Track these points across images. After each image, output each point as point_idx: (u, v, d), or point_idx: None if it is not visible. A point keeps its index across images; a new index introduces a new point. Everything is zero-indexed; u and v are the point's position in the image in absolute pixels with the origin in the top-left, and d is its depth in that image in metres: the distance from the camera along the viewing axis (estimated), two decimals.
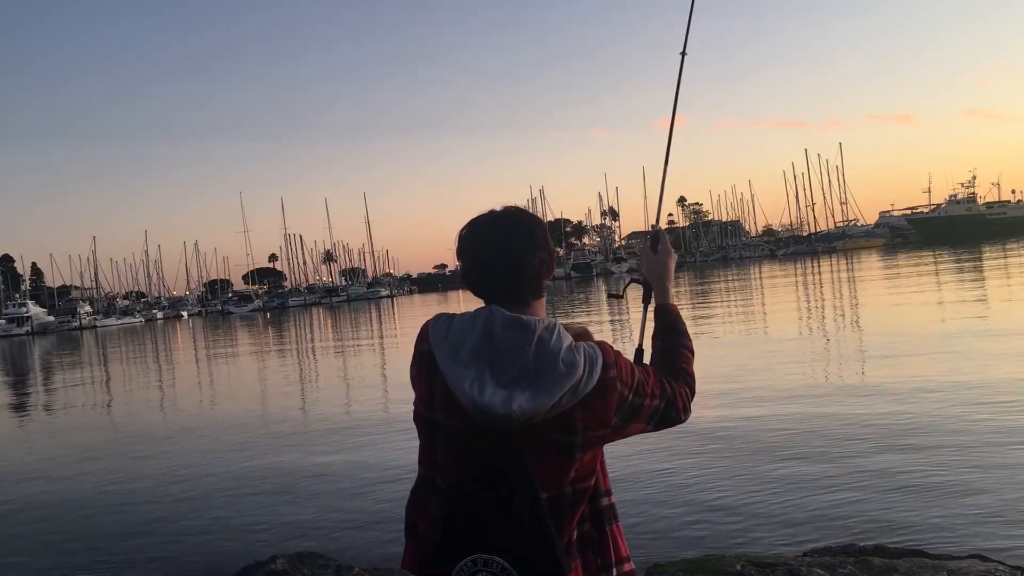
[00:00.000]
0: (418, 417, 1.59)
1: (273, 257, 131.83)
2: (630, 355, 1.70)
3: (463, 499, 1.48)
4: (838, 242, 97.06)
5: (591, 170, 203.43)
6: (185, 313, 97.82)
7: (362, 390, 13.51)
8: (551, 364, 1.43)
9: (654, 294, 1.87)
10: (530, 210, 1.68)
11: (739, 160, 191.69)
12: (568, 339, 1.49)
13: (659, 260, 1.88)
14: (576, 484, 1.49)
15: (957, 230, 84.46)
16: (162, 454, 8.81)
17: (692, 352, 1.76)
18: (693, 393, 1.69)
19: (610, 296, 2.04)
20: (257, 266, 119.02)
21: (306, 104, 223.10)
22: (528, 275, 1.55)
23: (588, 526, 1.53)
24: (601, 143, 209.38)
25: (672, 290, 1.85)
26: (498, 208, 1.61)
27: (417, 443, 1.59)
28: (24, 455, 9.92)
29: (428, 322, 1.57)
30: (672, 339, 1.77)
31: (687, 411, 1.65)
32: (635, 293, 1.96)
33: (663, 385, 1.61)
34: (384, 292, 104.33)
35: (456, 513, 1.48)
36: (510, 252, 1.54)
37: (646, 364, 1.68)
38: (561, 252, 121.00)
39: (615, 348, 1.54)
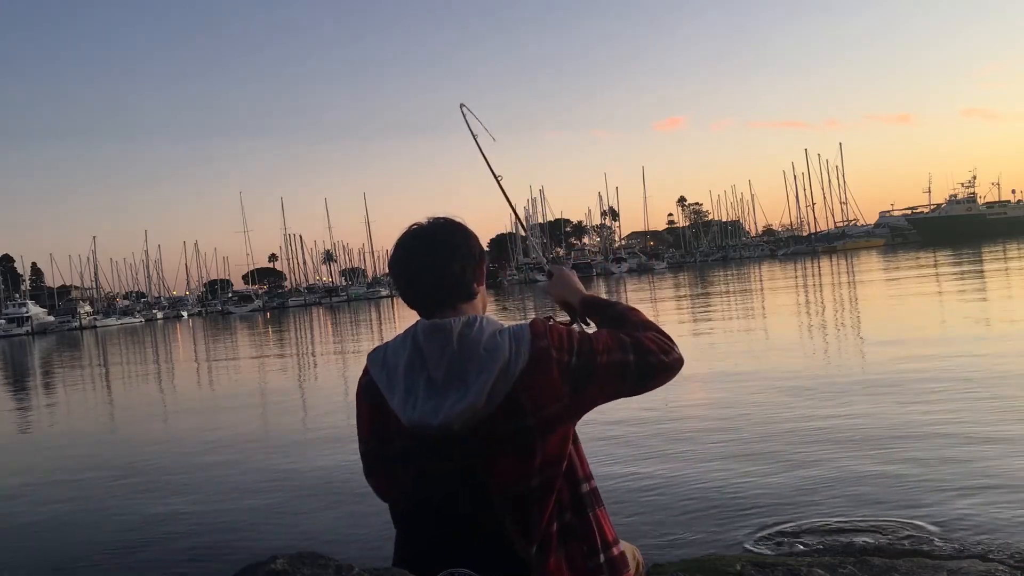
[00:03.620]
0: (367, 455, 1.60)
1: (273, 257, 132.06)
2: None
3: (427, 517, 1.48)
4: (838, 242, 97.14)
5: (591, 170, 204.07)
6: (185, 313, 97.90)
7: None
8: (473, 357, 1.43)
9: (570, 301, 1.86)
10: (531, 211, 1.70)
11: (739, 160, 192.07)
12: (492, 327, 1.47)
13: (558, 281, 1.90)
14: (544, 472, 1.45)
15: (957, 230, 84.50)
16: (160, 454, 8.80)
17: (635, 309, 1.71)
18: (666, 335, 1.60)
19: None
20: (257, 266, 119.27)
21: (306, 104, 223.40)
22: (450, 283, 1.56)
23: (569, 515, 1.50)
24: (601, 143, 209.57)
25: (576, 283, 1.86)
26: (424, 220, 1.63)
27: None
28: (22, 454, 9.91)
29: (367, 356, 1.60)
30: (608, 311, 1.74)
31: (669, 352, 1.56)
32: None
33: (620, 338, 1.54)
34: (384, 292, 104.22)
35: (421, 530, 1.49)
36: (430, 264, 1.56)
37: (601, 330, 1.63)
38: (561, 252, 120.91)
39: (550, 320, 1.53)
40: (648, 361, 1.53)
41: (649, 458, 6.31)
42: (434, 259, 1.56)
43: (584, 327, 1.82)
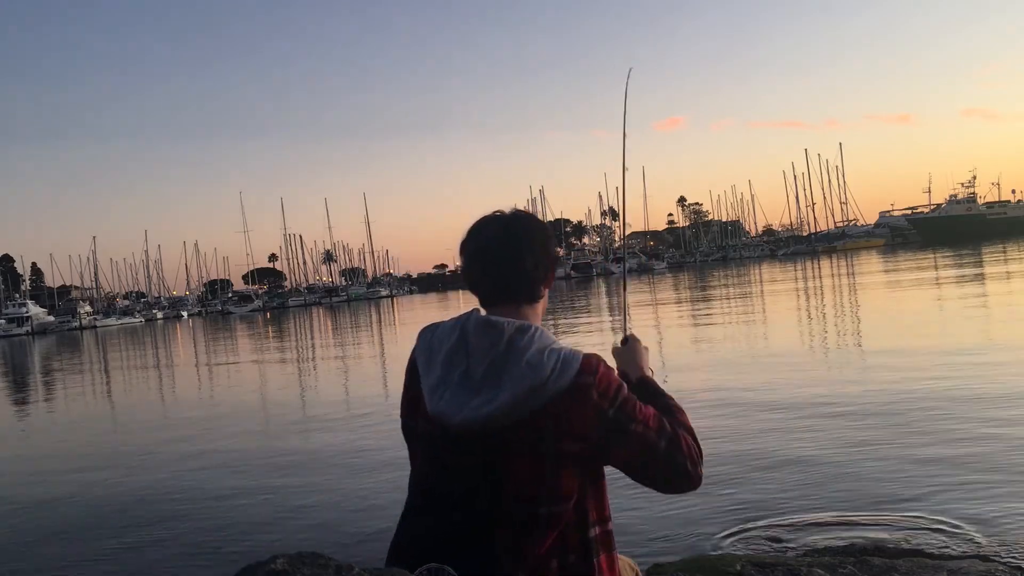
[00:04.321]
0: (403, 428, 1.60)
1: (273, 257, 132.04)
2: None
3: (430, 508, 1.47)
4: (838, 242, 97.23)
5: (591, 170, 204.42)
6: (185, 313, 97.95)
7: (363, 391, 13.51)
8: (515, 365, 1.41)
9: (630, 375, 1.79)
10: (531, 210, 1.69)
11: (739, 160, 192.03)
12: (543, 342, 1.44)
13: (629, 352, 1.82)
14: (552, 505, 1.42)
15: (957, 230, 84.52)
16: (161, 453, 8.80)
17: (683, 410, 1.65)
18: (700, 449, 1.57)
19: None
20: (257, 266, 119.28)
21: (306, 104, 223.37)
22: (521, 278, 1.54)
23: (573, 557, 1.46)
24: (601, 143, 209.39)
25: (644, 363, 1.79)
26: (506, 210, 1.61)
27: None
28: (22, 454, 9.91)
29: (419, 331, 1.59)
30: (658, 400, 1.67)
31: (696, 465, 1.53)
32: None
33: (662, 423, 1.51)
34: (384, 292, 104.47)
35: (420, 521, 1.48)
36: (505, 254, 1.54)
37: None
38: (561, 252, 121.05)
39: (606, 363, 1.48)
40: (675, 459, 1.50)
41: None
42: (512, 250, 1.53)
43: None
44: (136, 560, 5.20)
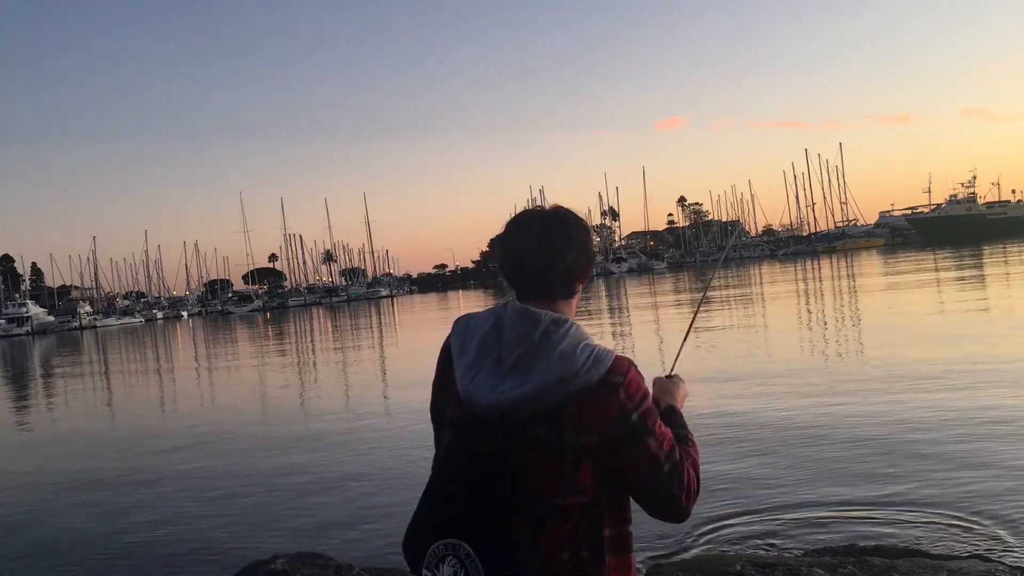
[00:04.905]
0: (432, 414, 1.63)
1: (273, 257, 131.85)
2: None
3: (454, 494, 1.48)
4: (838, 242, 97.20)
5: (591, 170, 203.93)
6: (185, 313, 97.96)
7: (363, 390, 13.51)
8: (547, 355, 1.43)
9: (662, 402, 1.79)
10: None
11: (739, 160, 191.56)
12: (578, 336, 1.46)
13: (670, 382, 1.83)
14: (567, 497, 1.44)
15: (957, 230, 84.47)
16: (161, 455, 8.80)
17: (696, 448, 1.66)
18: (698, 488, 1.56)
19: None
20: (257, 266, 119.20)
21: (306, 104, 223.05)
22: (558, 274, 1.56)
23: (586, 553, 1.48)
24: (601, 143, 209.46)
25: (679, 401, 1.79)
26: (547, 206, 1.63)
27: (418, 444, 1.60)
28: (21, 453, 9.92)
29: (454, 321, 1.62)
30: (677, 429, 1.67)
31: (690, 499, 1.52)
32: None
33: (674, 449, 1.52)
34: (384, 292, 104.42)
35: (442, 508, 1.49)
36: (543, 249, 1.55)
37: None
38: None
39: (638, 369, 1.49)
40: (671, 487, 1.51)
41: None
42: (550, 246, 1.55)
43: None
44: (137, 558, 5.21)
